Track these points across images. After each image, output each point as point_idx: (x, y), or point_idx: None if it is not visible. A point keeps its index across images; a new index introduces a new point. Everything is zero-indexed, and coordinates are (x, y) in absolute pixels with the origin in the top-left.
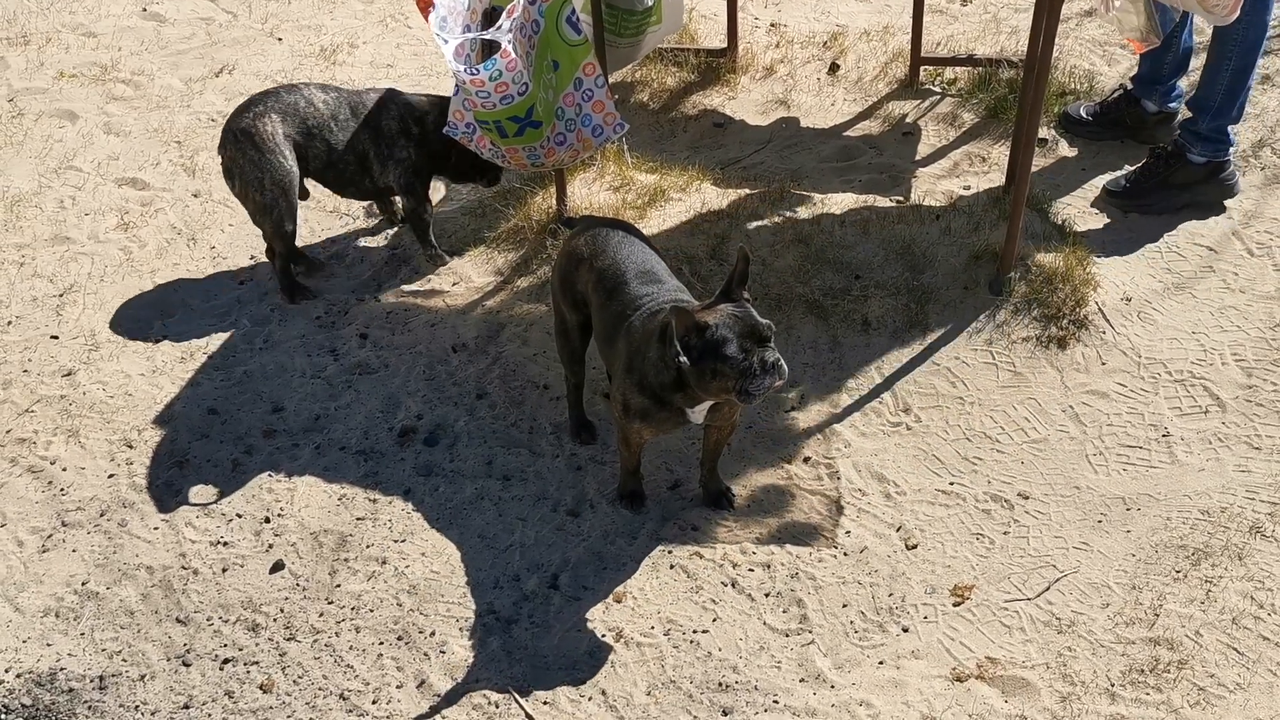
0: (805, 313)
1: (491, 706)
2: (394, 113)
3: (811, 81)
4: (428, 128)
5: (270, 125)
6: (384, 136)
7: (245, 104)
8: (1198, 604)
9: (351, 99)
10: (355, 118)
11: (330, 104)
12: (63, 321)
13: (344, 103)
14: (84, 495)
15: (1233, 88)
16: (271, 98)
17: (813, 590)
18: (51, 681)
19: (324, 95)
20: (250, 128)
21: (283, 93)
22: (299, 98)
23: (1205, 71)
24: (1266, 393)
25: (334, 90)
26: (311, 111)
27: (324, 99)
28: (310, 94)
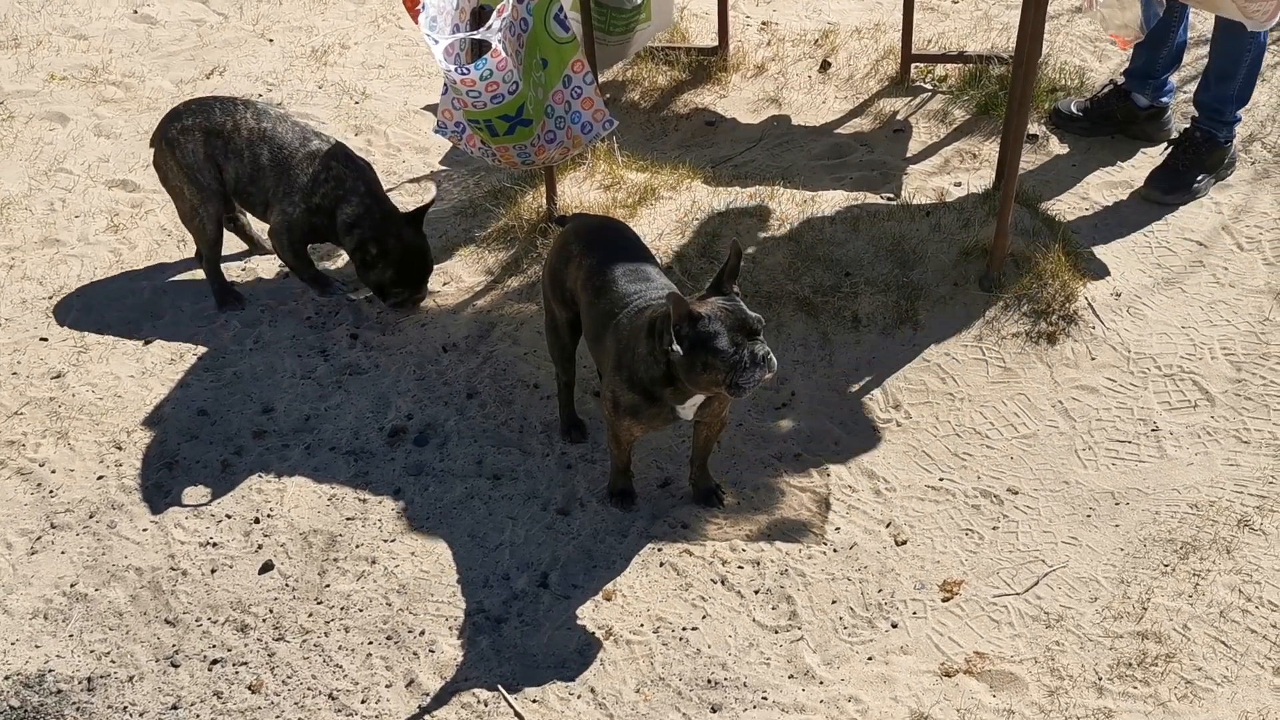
0: (795, 310)
1: (481, 705)
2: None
3: (803, 79)
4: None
5: (192, 144)
6: (290, 185)
7: (177, 111)
8: (1186, 597)
9: (277, 141)
10: (274, 161)
11: (254, 136)
12: (52, 324)
13: (268, 142)
14: (73, 497)
15: (1250, 75)
16: (202, 115)
17: (802, 587)
18: (40, 683)
19: (254, 124)
20: (175, 140)
21: (216, 111)
22: (229, 121)
23: (1223, 64)
24: (1255, 387)
25: (269, 121)
26: (235, 139)
27: (250, 129)
28: (241, 121)
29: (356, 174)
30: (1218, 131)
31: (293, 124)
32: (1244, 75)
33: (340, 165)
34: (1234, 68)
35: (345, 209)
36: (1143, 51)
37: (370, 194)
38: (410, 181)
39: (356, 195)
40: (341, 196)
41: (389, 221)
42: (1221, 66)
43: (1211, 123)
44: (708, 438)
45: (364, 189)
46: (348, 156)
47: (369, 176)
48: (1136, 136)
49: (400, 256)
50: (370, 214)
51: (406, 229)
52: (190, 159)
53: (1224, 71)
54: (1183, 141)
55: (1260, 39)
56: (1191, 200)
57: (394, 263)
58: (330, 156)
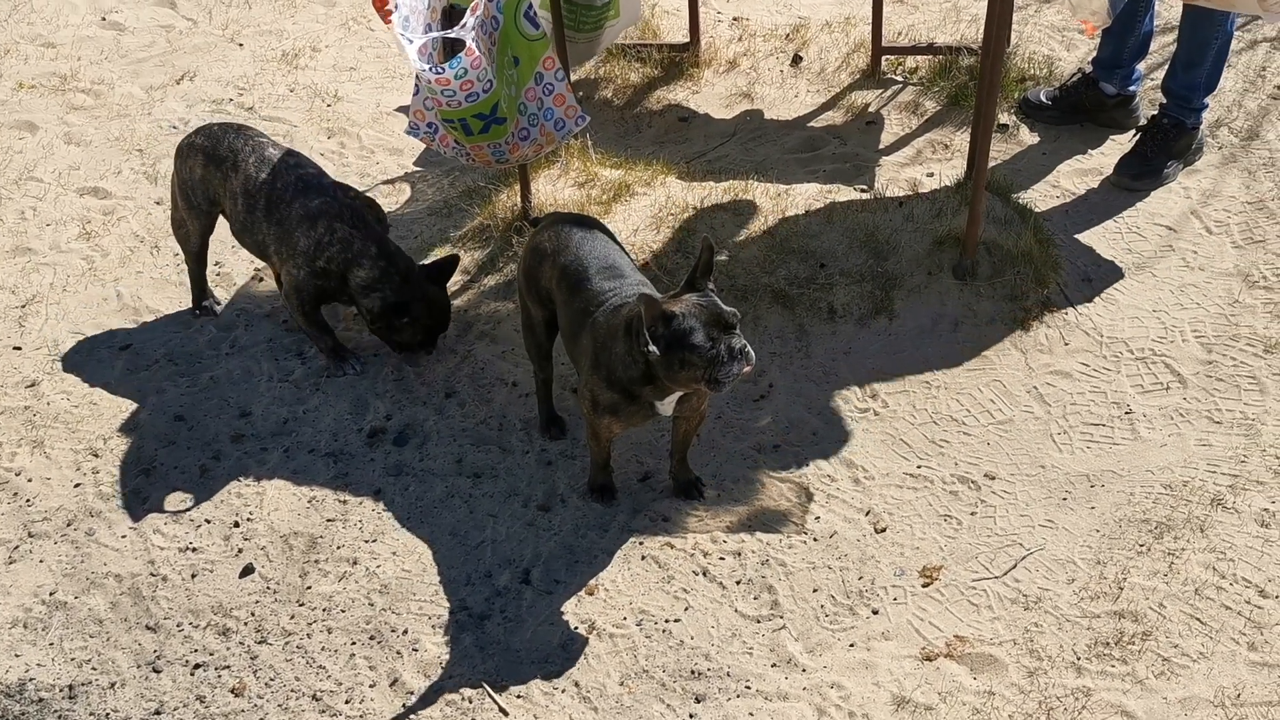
0: (771, 302)
1: (465, 702)
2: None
3: (774, 74)
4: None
5: (193, 164)
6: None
7: (200, 128)
8: (1161, 576)
9: (274, 197)
10: (270, 217)
11: (249, 186)
12: (25, 332)
13: (264, 195)
14: (50, 505)
15: (1218, 62)
16: (210, 142)
17: (783, 576)
18: (20, 692)
19: (252, 173)
20: (182, 152)
21: (224, 144)
22: (231, 160)
23: (1191, 51)
24: (1226, 368)
25: (268, 172)
26: (231, 179)
27: (246, 177)
28: (242, 164)
29: (365, 234)
30: (1185, 118)
31: (297, 177)
32: (1211, 62)
33: (345, 227)
34: (1201, 55)
35: (358, 273)
36: (1110, 40)
37: (383, 254)
38: (385, 183)
39: (368, 258)
40: (350, 260)
41: (409, 283)
42: (1189, 54)
43: (1179, 109)
44: (686, 431)
45: (375, 249)
46: (354, 215)
47: (377, 235)
48: (1106, 124)
49: (428, 318)
50: (389, 276)
51: (431, 287)
52: (187, 176)
53: (1191, 59)
54: (1151, 128)
55: (1227, 27)
56: (1160, 186)
57: (422, 327)
58: (334, 217)
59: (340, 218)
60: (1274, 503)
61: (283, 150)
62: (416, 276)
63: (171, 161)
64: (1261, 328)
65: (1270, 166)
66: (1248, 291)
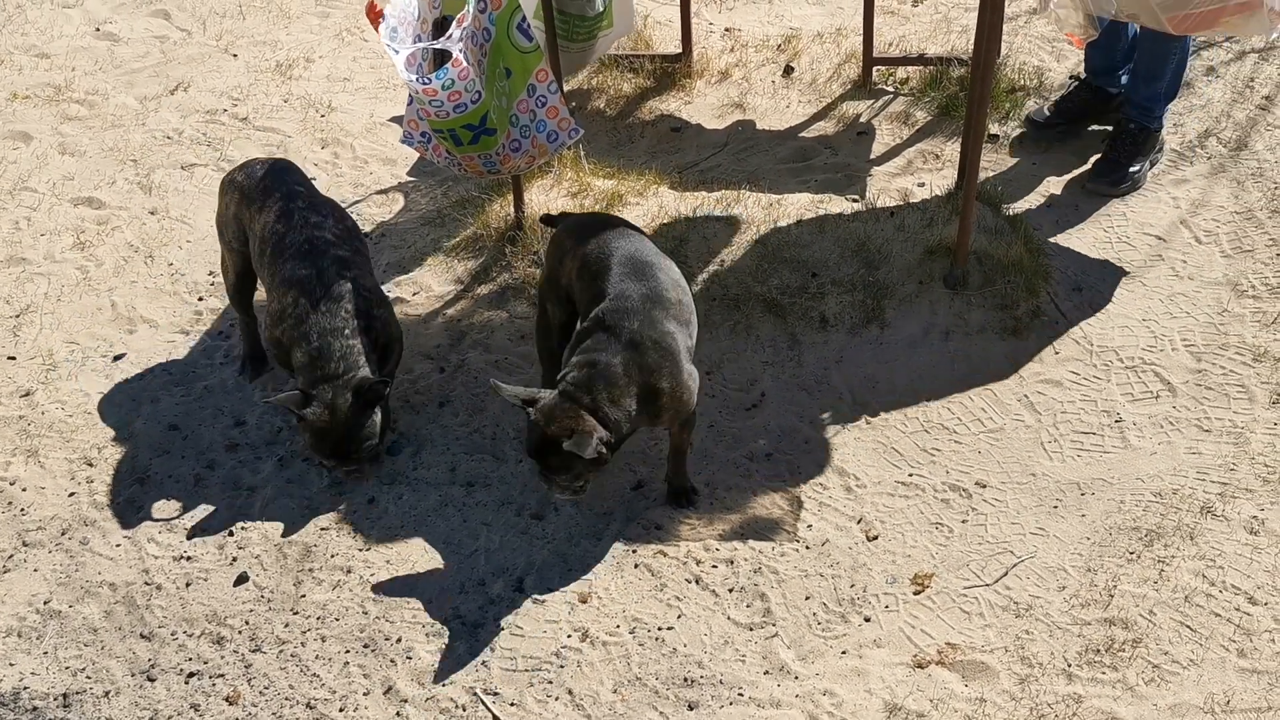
0: (763, 311)
1: (459, 710)
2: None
3: (766, 84)
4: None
5: (228, 200)
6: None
7: (243, 164)
8: (1151, 584)
9: (273, 249)
10: (262, 265)
11: (265, 231)
12: (20, 342)
13: (271, 243)
14: (44, 514)
15: (1176, 74)
16: (247, 179)
17: (775, 584)
18: (15, 701)
19: (269, 220)
20: (224, 187)
21: (256, 184)
22: (258, 204)
23: (1151, 64)
24: (1215, 377)
25: (283, 225)
26: (253, 223)
27: (264, 225)
28: (267, 208)
29: (320, 319)
30: (1149, 122)
31: (305, 240)
32: (1170, 75)
33: (306, 304)
34: (1161, 68)
35: (296, 353)
36: (1099, 51)
37: (320, 349)
38: (378, 193)
39: (307, 342)
40: (295, 340)
41: (323, 382)
42: (1149, 67)
43: (1143, 116)
44: (676, 440)
45: (315, 339)
46: (325, 294)
47: (325, 325)
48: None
49: (315, 428)
50: (310, 368)
51: (342, 396)
52: (224, 212)
53: (1151, 73)
54: (1120, 135)
55: (1185, 41)
56: (1135, 189)
57: (309, 430)
58: (302, 290)
59: (307, 292)
60: (1263, 510)
61: (302, 197)
62: (333, 382)
63: (166, 172)
64: (1250, 337)
65: (1259, 177)
66: (1237, 301)
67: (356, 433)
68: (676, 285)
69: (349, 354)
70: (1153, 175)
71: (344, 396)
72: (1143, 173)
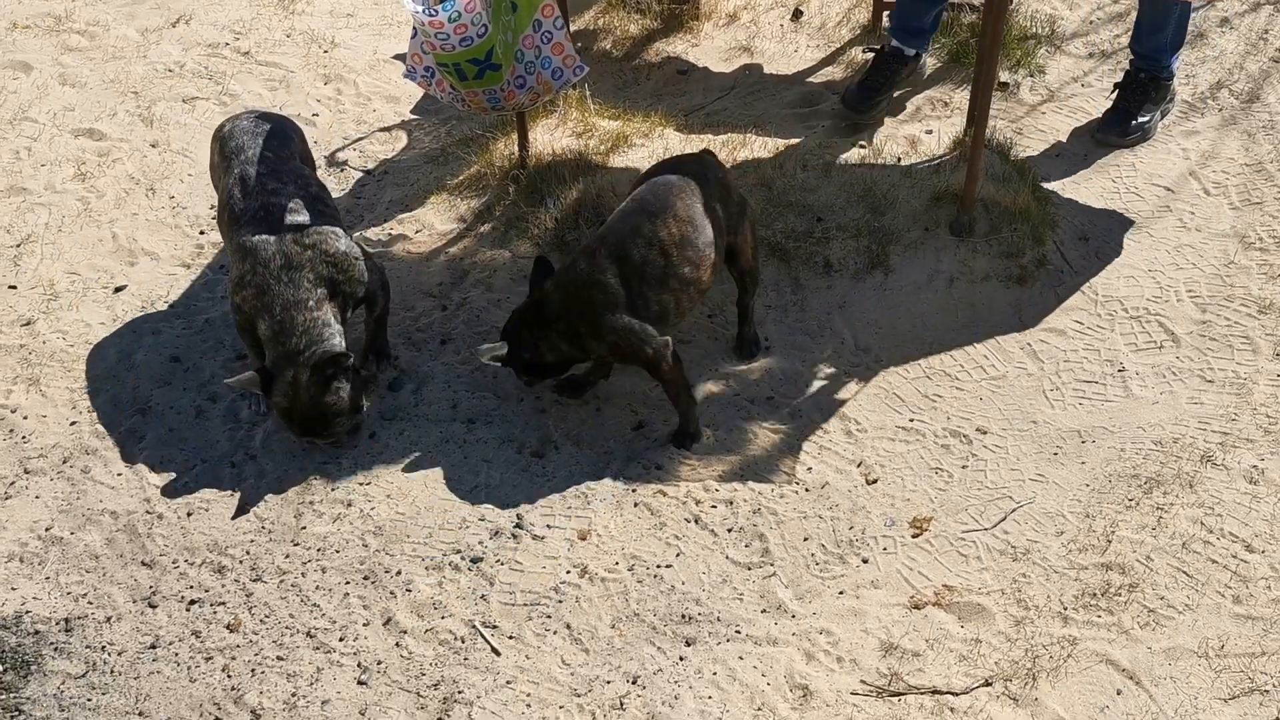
0: (768, 255)
1: (458, 641)
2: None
3: (775, 28)
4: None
5: (214, 149)
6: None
7: (237, 116)
8: (1149, 530)
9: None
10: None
11: (231, 184)
12: (20, 272)
13: (229, 208)
14: (46, 443)
15: (1181, 23)
16: (226, 129)
17: (774, 525)
18: (17, 624)
19: (236, 174)
20: (214, 135)
21: (230, 139)
22: (233, 159)
23: (1154, 16)
24: (1220, 328)
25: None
26: (224, 176)
27: (232, 178)
28: (233, 161)
29: (283, 290)
30: (1159, 72)
31: (261, 206)
32: (1175, 25)
33: (265, 273)
34: (1164, 21)
35: (260, 324)
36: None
37: (282, 322)
38: (381, 130)
39: (270, 315)
40: (259, 310)
41: (286, 359)
42: (1152, 20)
43: (1151, 66)
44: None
45: (279, 311)
46: (284, 264)
47: (289, 297)
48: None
49: (280, 409)
50: (274, 343)
51: (304, 374)
52: (212, 160)
53: (1155, 24)
54: (1129, 84)
55: None
56: (1145, 140)
57: (276, 411)
58: (261, 262)
59: (265, 264)
60: (1263, 460)
61: (273, 169)
62: (304, 359)
63: (167, 105)
64: (1256, 289)
65: (1270, 129)
66: (1244, 253)
67: (323, 410)
68: (650, 243)
69: (312, 327)
70: (1163, 126)
71: (305, 374)
72: (1153, 123)
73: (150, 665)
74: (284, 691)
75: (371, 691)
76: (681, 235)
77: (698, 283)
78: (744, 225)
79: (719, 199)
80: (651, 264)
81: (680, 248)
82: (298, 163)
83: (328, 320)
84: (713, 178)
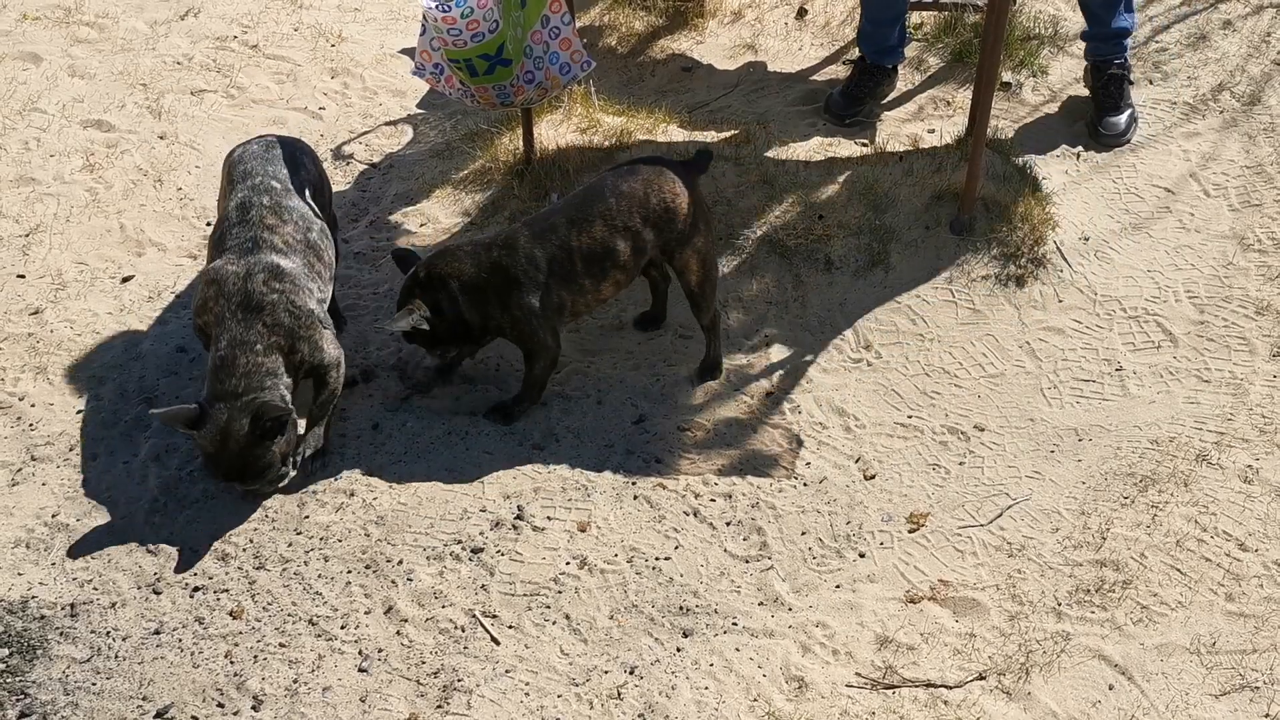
0: (769, 252)
1: (458, 631)
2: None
3: (779, 26)
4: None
5: (221, 176)
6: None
7: (251, 141)
8: (1144, 528)
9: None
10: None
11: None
12: (29, 261)
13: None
14: (53, 430)
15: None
16: (237, 153)
17: (773, 519)
18: (23, 609)
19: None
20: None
21: (236, 163)
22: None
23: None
24: (1217, 328)
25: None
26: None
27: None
28: (236, 183)
29: (234, 327)
30: (1124, 52)
31: (251, 239)
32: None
33: (224, 305)
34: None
35: (209, 353)
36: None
37: (224, 359)
38: (387, 124)
39: (216, 347)
40: (212, 339)
41: (221, 399)
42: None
43: (1121, 52)
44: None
45: (224, 347)
46: (243, 303)
47: (239, 336)
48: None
49: (204, 451)
50: (213, 377)
51: (238, 421)
52: (222, 185)
53: (1109, 4)
54: (1110, 80)
55: None
56: (1135, 125)
57: (200, 450)
58: (225, 294)
59: (226, 294)
60: (1258, 460)
61: (283, 200)
62: (241, 404)
63: (175, 97)
64: (1254, 290)
65: (1270, 132)
66: (1242, 254)
67: (252, 462)
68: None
69: (254, 372)
70: (1164, 128)
71: (240, 422)
72: (1133, 103)
73: (154, 650)
74: (286, 678)
75: (372, 679)
76: (589, 248)
77: (595, 292)
78: (689, 248)
79: (656, 220)
80: (559, 262)
81: (585, 259)
82: (307, 195)
83: (274, 370)
84: (654, 198)
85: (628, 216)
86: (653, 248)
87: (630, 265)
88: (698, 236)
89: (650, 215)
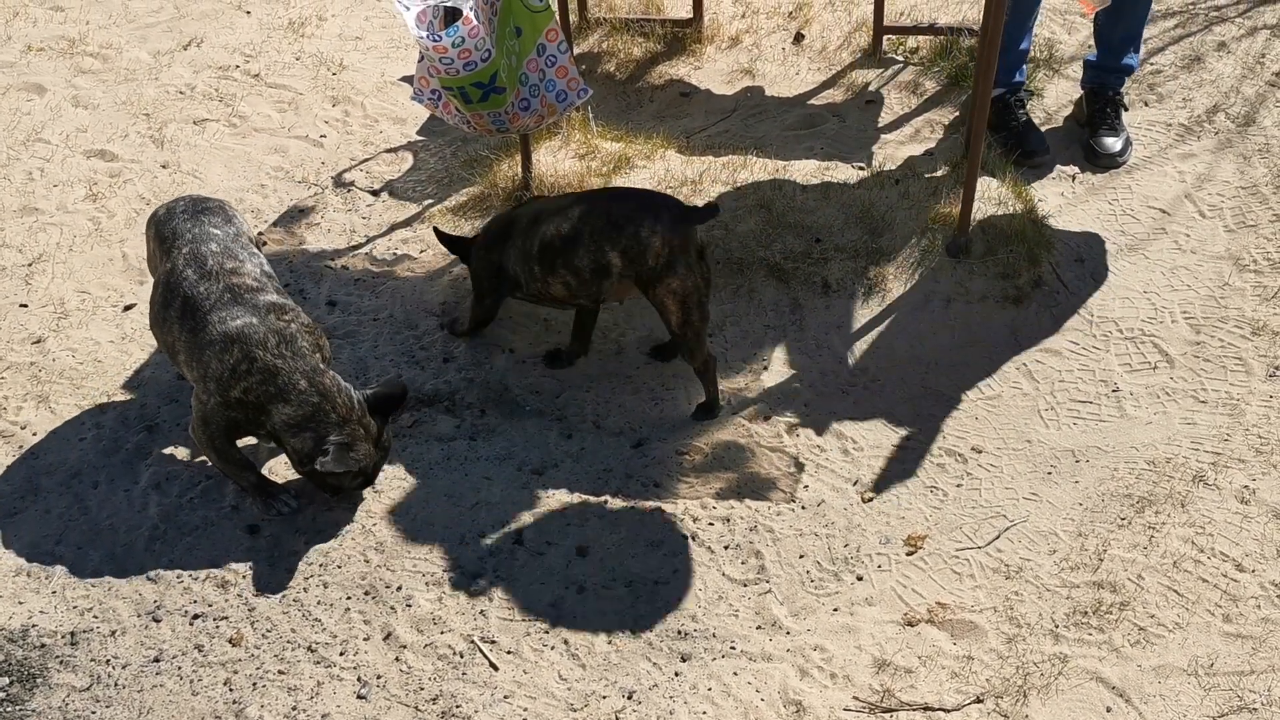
0: (767, 276)
1: (457, 656)
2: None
3: (776, 51)
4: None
5: (149, 240)
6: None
7: (168, 203)
8: (1141, 549)
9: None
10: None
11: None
12: (32, 290)
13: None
14: (54, 459)
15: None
16: (162, 216)
17: (771, 542)
18: (24, 637)
19: (178, 265)
20: (149, 223)
21: (168, 224)
22: (170, 245)
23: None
24: (1213, 349)
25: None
26: (161, 266)
27: (169, 269)
28: (175, 253)
29: (296, 363)
30: (1122, 80)
31: (225, 287)
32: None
33: (269, 356)
34: (1138, 28)
35: (283, 409)
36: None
37: (314, 387)
38: (388, 151)
39: (295, 392)
40: (274, 395)
41: (349, 422)
42: (1129, 28)
43: (1118, 74)
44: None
45: (304, 383)
46: (280, 340)
47: (307, 365)
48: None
49: (368, 462)
50: (322, 414)
51: (376, 421)
52: (148, 250)
53: (1131, 33)
54: (1107, 105)
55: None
56: (1130, 147)
57: (361, 469)
58: (255, 344)
59: (262, 345)
60: (1255, 480)
61: (216, 239)
62: (357, 412)
63: (178, 127)
64: (1250, 310)
65: (1265, 152)
66: (1238, 275)
67: (386, 451)
68: (543, 239)
69: (337, 384)
70: (1159, 150)
71: (380, 420)
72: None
73: (154, 678)
74: (285, 705)
75: (371, 705)
76: (550, 238)
77: (541, 282)
78: (662, 286)
79: (625, 249)
80: (523, 235)
81: (543, 246)
82: (247, 243)
83: (336, 377)
84: (629, 226)
85: (598, 232)
86: (619, 275)
87: (585, 277)
88: (673, 278)
89: (620, 241)
